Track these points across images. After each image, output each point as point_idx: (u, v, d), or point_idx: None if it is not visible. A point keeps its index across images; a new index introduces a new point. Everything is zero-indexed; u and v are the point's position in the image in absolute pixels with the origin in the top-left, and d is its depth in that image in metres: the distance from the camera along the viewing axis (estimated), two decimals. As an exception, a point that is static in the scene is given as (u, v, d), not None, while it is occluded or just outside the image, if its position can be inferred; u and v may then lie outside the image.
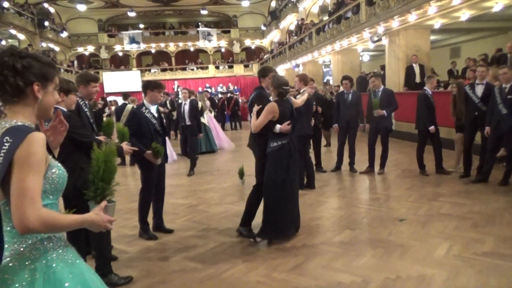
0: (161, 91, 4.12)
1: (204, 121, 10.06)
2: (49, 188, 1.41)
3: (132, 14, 26.35)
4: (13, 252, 1.37)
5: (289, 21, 23.79)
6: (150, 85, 4.07)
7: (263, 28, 28.73)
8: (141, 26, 29.87)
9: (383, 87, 6.76)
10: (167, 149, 4.73)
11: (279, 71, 23.44)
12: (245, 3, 24.32)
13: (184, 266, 3.42)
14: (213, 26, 30.41)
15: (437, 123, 6.39)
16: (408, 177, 6.37)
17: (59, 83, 1.55)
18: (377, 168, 6.76)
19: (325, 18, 16.74)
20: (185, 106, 7.98)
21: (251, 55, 30.82)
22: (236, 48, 29.88)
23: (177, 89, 23.48)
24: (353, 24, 12.89)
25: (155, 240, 4.08)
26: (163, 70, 28.70)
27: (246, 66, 29.13)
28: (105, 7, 27.00)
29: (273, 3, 26.73)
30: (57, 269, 1.40)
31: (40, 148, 1.34)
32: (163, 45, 29.18)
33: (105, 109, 10.76)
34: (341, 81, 7.31)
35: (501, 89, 5.41)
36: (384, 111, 6.40)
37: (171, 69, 29.01)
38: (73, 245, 2.96)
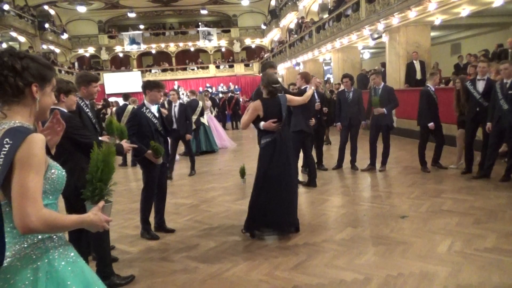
0: (161, 91, 4.12)
1: (204, 121, 10.07)
2: (49, 188, 1.43)
3: (132, 15, 26.35)
4: (15, 252, 1.38)
5: (289, 20, 23.77)
6: (149, 85, 4.09)
7: (263, 27, 28.71)
8: (141, 26, 29.90)
9: (383, 84, 6.74)
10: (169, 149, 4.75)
11: (280, 70, 23.47)
12: (245, 2, 24.26)
13: (186, 265, 3.43)
14: (213, 25, 30.41)
15: (440, 119, 6.38)
16: (409, 174, 6.36)
17: (57, 84, 1.57)
18: (378, 165, 6.76)
19: (325, 16, 16.71)
20: (175, 108, 7.41)
21: (252, 54, 30.80)
22: (236, 47, 29.87)
23: (178, 89, 23.52)
24: (353, 21, 12.86)
25: (156, 239, 4.09)
26: (164, 70, 28.72)
27: (246, 65, 29.12)
28: (105, 8, 27.02)
29: (273, 2, 26.69)
30: (59, 268, 1.42)
31: (40, 149, 1.36)
32: (163, 45, 29.20)
33: (107, 109, 10.81)
34: (341, 79, 7.30)
35: (502, 84, 5.39)
36: (384, 109, 6.39)
37: (172, 69, 29.03)
38: (75, 246, 2.97)
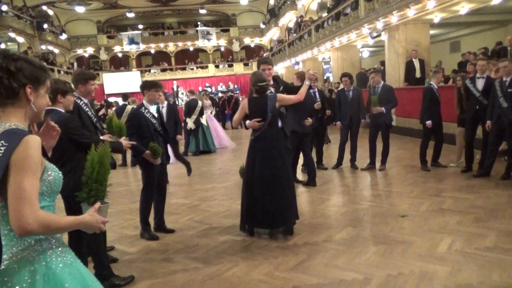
0: (159, 90, 4.11)
1: (203, 121, 10.07)
2: (45, 190, 1.43)
3: (130, 15, 26.33)
4: (12, 254, 1.38)
5: (288, 19, 23.75)
6: (146, 85, 4.09)
7: (262, 26, 28.68)
8: (140, 26, 29.86)
9: (382, 83, 6.73)
10: (168, 149, 4.74)
11: (279, 69, 23.45)
12: (244, 2, 24.21)
13: (185, 266, 3.42)
14: (212, 25, 30.39)
15: (441, 118, 6.37)
16: (409, 172, 6.35)
17: (53, 85, 1.57)
18: (378, 164, 6.75)
19: (324, 14, 16.69)
20: (162, 109, 6.78)
21: (251, 54, 30.79)
22: (235, 46, 29.85)
23: (177, 89, 23.50)
24: (352, 20, 12.85)
25: (156, 240, 4.08)
26: (163, 70, 28.72)
27: (246, 64, 29.11)
28: (104, 8, 26.99)
29: (272, 1, 26.65)
30: (57, 270, 1.42)
31: (36, 151, 1.36)
32: (162, 45, 29.18)
33: (107, 110, 10.81)
34: (340, 78, 7.29)
35: (502, 82, 5.38)
36: (382, 108, 6.38)
37: (171, 69, 29.03)
38: (75, 248, 2.97)
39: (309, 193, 5.59)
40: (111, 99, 13.85)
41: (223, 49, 30.86)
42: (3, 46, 18.14)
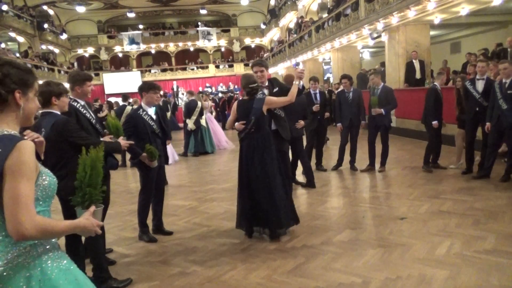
0: (157, 92, 4.09)
1: (203, 122, 10.07)
2: (40, 195, 1.43)
3: (131, 15, 26.32)
4: (7, 261, 1.37)
5: (289, 19, 23.74)
6: (145, 87, 4.07)
7: (263, 26, 28.68)
8: (141, 26, 29.89)
9: (382, 84, 6.71)
10: (167, 150, 4.72)
11: (279, 70, 23.44)
12: (244, 2, 24.19)
13: (183, 268, 3.41)
14: (212, 25, 30.40)
15: (442, 118, 6.36)
16: (409, 174, 6.34)
17: (47, 87, 1.55)
18: (377, 166, 6.74)
19: (325, 15, 16.68)
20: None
21: (251, 54, 30.77)
22: (236, 47, 29.85)
23: (177, 89, 23.49)
24: (353, 21, 12.83)
25: (154, 242, 4.07)
26: (163, 70, 28.72)
27: (246, 65, 29.06)
28: (104, 8, 27.00)
29: (272, 1, 26.66)
30: (52, 276, 1.41)
31: (30, 156, 1.36)
32: (163, 45, 29.19)
33: (110, 111, 10.81)
34: (340, 80, 7.27)
35: (501, 84, 5.37)
36: (382, 110, 6.36)
37: (171, 69, 29.03)
38: (72, 251, 2.95)
39: (308, 195, 5.58)
40: (111, 100, 13.84)
41: (223, 49, 30.88)
42: (3, 45, 18.14)
